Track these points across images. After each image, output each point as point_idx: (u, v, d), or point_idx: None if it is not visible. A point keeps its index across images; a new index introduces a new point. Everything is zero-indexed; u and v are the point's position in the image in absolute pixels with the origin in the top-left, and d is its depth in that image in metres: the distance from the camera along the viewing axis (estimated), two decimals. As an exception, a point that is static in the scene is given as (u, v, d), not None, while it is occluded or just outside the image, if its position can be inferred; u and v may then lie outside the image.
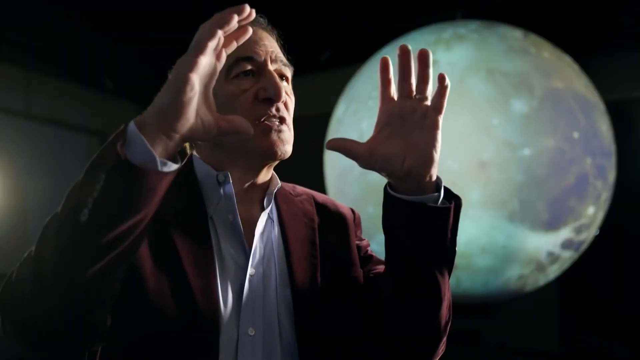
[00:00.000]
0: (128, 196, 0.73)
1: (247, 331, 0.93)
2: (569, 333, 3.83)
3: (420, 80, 0.87)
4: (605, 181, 2.42)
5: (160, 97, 0.74)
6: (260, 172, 1.03)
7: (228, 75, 0.99)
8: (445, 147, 0.97)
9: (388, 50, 2.67)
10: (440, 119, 0.88)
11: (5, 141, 4.17)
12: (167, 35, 3.77)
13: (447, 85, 0.87)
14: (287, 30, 1.13)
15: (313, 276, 1.00)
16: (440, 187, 0.91)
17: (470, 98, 2.27)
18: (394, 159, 0.89)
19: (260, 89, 0.98)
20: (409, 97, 0.89)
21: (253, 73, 1.00)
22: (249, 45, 0.99)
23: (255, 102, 0.98)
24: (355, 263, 1.08)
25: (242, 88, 0.99)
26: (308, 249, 1.03)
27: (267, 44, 1.03)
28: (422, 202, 0.89)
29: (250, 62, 1.00)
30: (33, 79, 4.39)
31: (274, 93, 0.97)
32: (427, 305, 0.95)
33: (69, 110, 4.72)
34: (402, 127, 0.89)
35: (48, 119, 4.53)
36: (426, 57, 0.86)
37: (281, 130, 0.99)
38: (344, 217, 1.14)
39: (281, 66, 1.03)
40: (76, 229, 0.73)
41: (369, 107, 2.48)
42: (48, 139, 4.51)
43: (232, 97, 0.99)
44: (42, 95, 4.50)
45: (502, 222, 2.24)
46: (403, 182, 0.90)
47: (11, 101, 4.29)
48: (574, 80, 2.42)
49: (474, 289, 2.45)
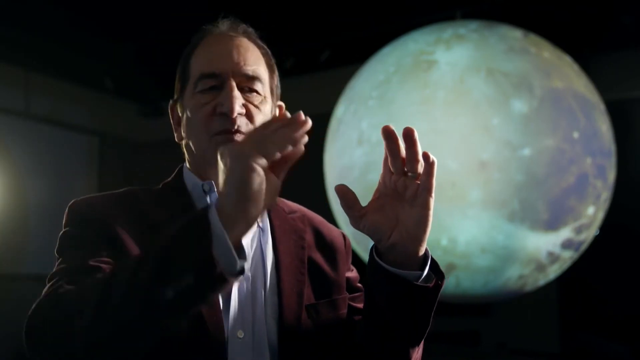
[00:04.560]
0: (210, 296, 0.77)
1: (237, 334, 0.95)
2: (569, 333, 3.83)
3: (409, 159, 0.86)
4: (605, 181, 2.42)
5: (234, 189, 0.75)
6: None
7: (195, 88, 1.03)
8: (445, 147, 0.97)
9: (388, 50, 2.67)
10: (431, 199, 0.86)
11: (5, 141, 4.17)
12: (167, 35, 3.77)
13: (433, 162, 0.85)
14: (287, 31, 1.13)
15: (300, 292, 1.02)
16: (426, 265, 0.91)
17: (470, 98, 2.27)
18: (381, 230, 0.89)
19: (218, 103, 1.01)
20: (401, 174, 0.88)
21: (217, 87, 1.02)
22: (212, 60, 1.03)
23: (213, 116, 1.01)
24: (341, 286, 1.11)
25: (203, 102, 1.02)
26: (296, 265, 1.05)
27: (236, 56, 1.03)
28: (401, 276, 0.89)
29: (212, 77, 1.02)
30: (33, 79, 4.39)
31: (227, 108, 0.99)
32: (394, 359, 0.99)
33: (69, 110, 4.72)
34: (395, 201, 0.89)
35: (48, 118, 4.53)
36: (411, 136, 0.84)
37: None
38: (334, 241, 1.16)
39: (249, 80, 1.03)
40: (148, 306, 0.75)
41: (369, 107, 2.48)
42: (48, 139, 4.52)
43: (193, 111, 1.03)
44: (42, 95, 4.50)
45: (502, 222, 2.24)
46: (387, 253, 0.91)
47: (11, 101, 4.29)
48: (574, 80, 2.42)
49: (474, 289, 2.45)
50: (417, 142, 0.85)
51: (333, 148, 2.69)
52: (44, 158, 4.46)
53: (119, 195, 1.05)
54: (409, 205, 0.88)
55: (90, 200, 1.02)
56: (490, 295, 2.55)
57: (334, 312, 1.06)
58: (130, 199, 1.04)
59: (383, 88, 2.46)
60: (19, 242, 4.21)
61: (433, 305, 0.92)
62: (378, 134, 2.67)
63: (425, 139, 2.65)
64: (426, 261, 0.91)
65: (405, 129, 0.85)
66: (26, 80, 4.35)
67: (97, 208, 0.99)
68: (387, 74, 2.49)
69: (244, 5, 3.24)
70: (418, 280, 0.89)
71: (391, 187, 0.89)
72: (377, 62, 2.66)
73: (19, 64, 4.23)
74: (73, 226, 0.99)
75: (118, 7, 3.48)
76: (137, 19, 3.62)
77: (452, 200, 2.23)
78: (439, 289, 0.92)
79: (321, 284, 1.07)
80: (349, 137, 2.52)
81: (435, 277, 0.91)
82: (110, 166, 5.00)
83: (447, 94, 2.29)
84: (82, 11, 3.55)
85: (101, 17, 3.64)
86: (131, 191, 1.06)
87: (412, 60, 2.46)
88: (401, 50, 2.57)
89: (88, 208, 1.00)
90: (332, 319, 1.05)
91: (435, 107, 2.28)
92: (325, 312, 1.04)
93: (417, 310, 0.92)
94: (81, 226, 0.97)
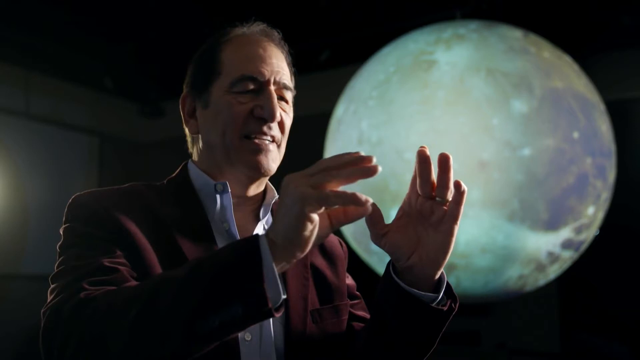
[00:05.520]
0: (251, 323, 0.76)
1: (244, 337, 0.94)
2: (569, 333, 3.83)
3: (440, 184, 0.85)
4: (605, 181, 2.41)
5: (286, 230, 0.73)
6: (249, 186, 1.05)
7: (231, 87, 1.02)
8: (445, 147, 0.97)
9: (388, 50, 2.67)
10: (456, 227, 0.86)
11: (5, 141, 4.17)
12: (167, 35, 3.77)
13: (463, 191, 0.84)
14: (287, 31, 1.13)
15: (305, 296, 1.03)
16: (441, 288, 0.91)
17: (470, 98, 2.27)
18: (401, 251, 0.88)
19: (257, 106, 1.01)
20: (429, 197, 0.87)
21: (254, 90, 1.02)
22: (255, 63, 1.02)
23: (250, 117, 1.01)
24: (343, 293, 1.11)
25: (240, 101, 1.01)
26: (300, 271, 1.05)
27: (275, 62, 1.04)
28: (417, 297, 0.89)
29: (253, 82, 1.02)
30: (33, 79, 4.39)
31: (269, 114, 1.00)
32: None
33: (68, 110, 4.72)
34: (419, 223, 0.88)
35: (48, 118, 4.53)
36: (446, 162, 0.83)
37: (269, 150, 1.01)
38: (334, 248, 1.16)
39: (282, 89, 1.04)
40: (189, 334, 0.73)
41: (369, 107, 2.48)
42: (48, 139, 4.51)
43: (228, 107, 1.01)
44: (42, 95, 4.50)
45: (502, 222, 2.24)
46: (403, 273, 0.91)
47: (11, 101, 4.29)
48: (573, 80, 2.42)
49: (474, 289, 2.45)
50: (451, 169, 0.84)
51: (333, 148, 2.69)
52: (44, 158, 4.45)
53: (123, 190, 1.03)
54: (432, 230, 0.87)
55: (95, 194, 0.99)
56: (490, 295, 2.55)
57: (336, 317, 1.06)
58: (136, 194, 1.02)
59: (383, 88, 2.46)
60: (18, 242, 4.20)
61: (443, 327, 0.93)
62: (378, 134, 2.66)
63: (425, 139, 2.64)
64: (441, 283, 0.91)
65: (441, 155, 0.83)
66: (26, 80, 4.34)
67: (102, 201, 0.96)
68: (387, 73, 2.49)
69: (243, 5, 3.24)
70: (433, 303, 0.90)
71: (416, 208, 0.88)
72: (377, 62, 2.66)
73: (19, 64, 4.23)
74: (79, 221, 0.94)
75: (117, 7, 3.48)
76: (136, 19, 3.62)
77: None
78: (452, 313, 0.92)
79: (323, 290, 1.07)
80: (349, 137, 2.52)
81: (449, 300, 0.92)
82: (110, 166, 5.00)
83: (447, 94, 2.29)
84: (82, 11, 3.55)
85: (101, 17, 3.64)
86: (135, 186, 1.05)
87: (412, 60, 2.46)
88: (401, 50, 2.57)
89: (94, 201, 0.96)
90: (334, 324, 1.06)
91: (435, 107, 2.28)
92: (328, 318, 1.05)
93: (427, 331, 0.93)
94: (88, 221, 0.93)
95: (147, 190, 1.04)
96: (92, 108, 4.88)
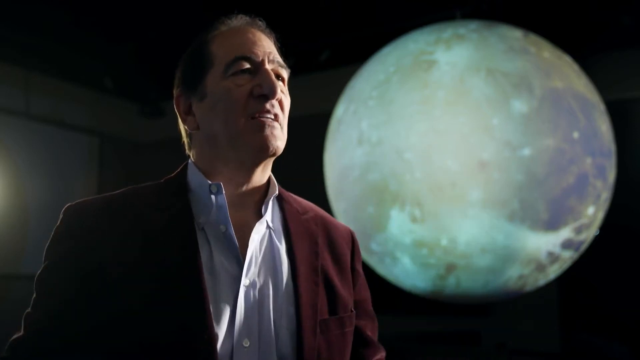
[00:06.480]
0: None
1: (242, 342, 0.92)
2: (569, 333, 3.83)
3: None
4: (605, 181, 2.41)
5: None
6: (254, 172, 1.03)
7: (226, 72, 1.01)
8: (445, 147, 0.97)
9: (388, 50, 2.67)
10: None
11: (5, 141, 4.17)
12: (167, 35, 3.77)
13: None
14: (287, 31, 1.13)
15: (314, 304, 1.00)
16: None
17: (470, 98, 2.27)
18: None
19: (256, 85, 1.00)
20: None
21: (250, 71, 1.01)
22: (247, 45, 1.02)
23: (250, 98, 0.99)
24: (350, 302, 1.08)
25: (238, 84, 1.00)
26: (311, 275, 1.03)
27: (265, 44, 1.04)
28: None
29: (247, 60, 1.01)
30: (33, 79, 4.38)
31: (269, 90, 0.99)
32: None
33: (68, 110, 4.72)
34: None
35: (48, 119, 4.53)
36: None
37: (274, 126, 1.00)
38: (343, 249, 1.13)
39: (277, 67, 1.04)
40: None
41: (369, 107, 2.48)
42: (48, 139, 4.51)
43: (227, 92, 1.00)
44: (42, 95, 4.50)
45: (502, 222, 2.24)
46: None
47: (11, 101, 4.29)
48: (573, 80, 2.42)
49: (474, 289, 2.45)
50: None
51: (333, 148, 2.69)
52: (44, 158, 4.45)
53: (117, 198, 1.02)
54: None
55: (84, 210, 1.00)
56: (490, 295, 2.55)
57: (341, 329, 1.04)
58: (127, 204, 1.00)
59: (383, 88, 2.46)
60: (18, 242, 4.20)
61: None
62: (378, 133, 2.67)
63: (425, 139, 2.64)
64: None
65: None
66: (26, 80, 4.34)
67: (87, 222, 0.98)
68: (387, 73, 2.49)
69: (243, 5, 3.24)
70: None
71: None
72: (377, 62, 2.66)
73: (19, 64, 4.22)
74: (60, 243, 0.98)
75: (117, 7, 3.48)
76: (136, 19, 3.62)
77: (452, 200, 2.23)
78: None
79: (331, 298, 1.04)
80: (349, 137, 2.52)
81: None
82: (110, 166, 5.00)
83: (447, 94, 2.29)
84: (82, 11, 3.55)
85: (101, 17, 3.64)
86: (130, 191, 1.04)
87: (412, 60, 2.46)
88: (401, 50, 2.57)
89: (78, 222, 0.98)
90: (338, 335, 1.03)
91: (435, 107, 2.28)
92: (334, 329, 1.02)
93: None
94: (66, 251, 0.97)
95: (142, 195, 1.03)
96: (92, 108, 4.88)
